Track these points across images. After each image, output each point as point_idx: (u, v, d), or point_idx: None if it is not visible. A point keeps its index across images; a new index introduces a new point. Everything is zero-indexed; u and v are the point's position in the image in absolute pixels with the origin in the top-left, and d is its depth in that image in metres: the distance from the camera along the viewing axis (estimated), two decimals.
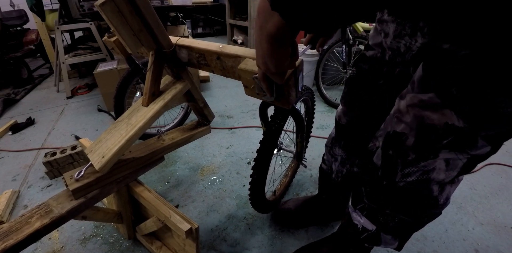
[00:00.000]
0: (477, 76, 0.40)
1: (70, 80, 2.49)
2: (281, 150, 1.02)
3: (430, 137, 0.49)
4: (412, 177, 0.53)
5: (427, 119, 0.48)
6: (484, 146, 0.46)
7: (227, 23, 3.86)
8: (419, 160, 0.51)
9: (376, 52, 0.66)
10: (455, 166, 0.50)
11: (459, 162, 0.49)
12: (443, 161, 0.49)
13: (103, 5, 0.50)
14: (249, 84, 0.54)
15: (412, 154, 0.52)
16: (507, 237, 0.97)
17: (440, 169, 0.50)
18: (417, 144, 0.51)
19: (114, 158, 0.64)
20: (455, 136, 0.46)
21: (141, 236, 0.92)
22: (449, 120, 0.45)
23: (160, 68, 0.67)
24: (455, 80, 0.43)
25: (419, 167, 0.52)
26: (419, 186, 0.54)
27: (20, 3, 3.42)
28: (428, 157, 0.50)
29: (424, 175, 0.52)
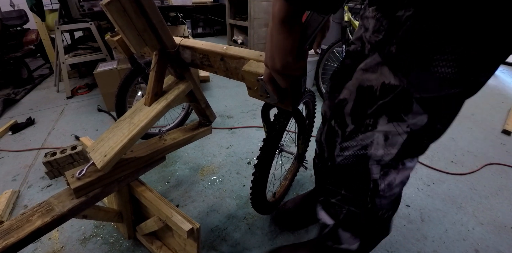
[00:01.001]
0: (416, 33, 0.39)
1: (70, 80, 2.48)
2: (282, 151, 1.02)
3: (367, 99, 0.47)
4: (350, 151, 0.51)
5: (366, 80, 0.47)
6: (420, 114, 0.44)
7: (227, 23, 3.86)
8: (357, 131, 0.49)
9: (357, 46, 0.66)
10: (394, 142, 0.47)
11: (399, 138, 0.47)
12: (381, 135, 0.47)
13: (108, 4, 0.50)
14: (252, 86, 0.55)
15: (350, 124, 0.50)
16: (507, 237, 0.98)
17: (379, 144, 0.48)
18: (355, 109, 0.49)
19: (116, 157, 0.64)
20: (391, 97, 0.44)
21: (141, 235, 0.92)
22: (385, 79, 0.44)
23: (164, 68, 0.68)
24: (397, 39, 0.42)
25: (357, 141, 0.50)
26: (356, 162, 0.51)
27: (20, 3, 3.41)
28: (366, 128, 0.48)
29: (362, 150, 0.50)
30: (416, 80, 0.42)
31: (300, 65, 0.41)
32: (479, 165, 1.36)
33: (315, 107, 1.08)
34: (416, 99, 0.43)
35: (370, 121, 0.47)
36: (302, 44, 0.39)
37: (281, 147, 1.00)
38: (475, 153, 1.47)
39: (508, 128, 1.69)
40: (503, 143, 1.57)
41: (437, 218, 1.06)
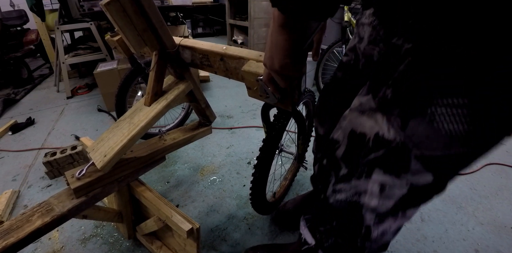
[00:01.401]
0: (414, 74, 0.34)
1: (70, 80, 2.49)
2: (282, 152, 1.02)
3: (359, 148, 0.42)
4: (342, 196, 0.47)
5: (359, 126, 0.42)
6: (422, 172, 0.38)
7: (227, 23, 3.86)
8: (351, 176, 0.45)
9: (350, 58, 0.61)
10: (391, 195, 0.42)
11: (397, 191, 0.41)
12: (377, 185, 0.42)
13: (108, 4, 0.50)
14: (252, 86, 0.55)
15: (344, 168, 0.45)
16: (507, 237, 0.98)
17: (373, 194, 0.43)
18: (347, 155, 0.45)
19: (116, 157, 0.64)
20: (385, 151, 0.39)
21: (141, 235, 0.92)
22: (380, 129, 0.39)
23: (163, 68, 0.68)
24: (393, 80, 0.36)
25: (351, 185, 0.45)
26: (349, 208, 0.47)
27: (20, 3, 3.41)
28: (360, 174, 0.43)
29: (355, 197, 0.45)
30: (415, 134, 0.36)
31: (299, 66, 0.40)
32: (479, 165, 1.36)
33: (315, 107, 1.08)
34: (416, 156, 0.37)
35: (365, 170, 0.43)
36: (301, 45, 0.39)
37: (281, 147, 1.00)
38: None
39: None
40: (503, 143, 1.57)
41: (437, 218, 1.06)
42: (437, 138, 0.34)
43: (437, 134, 0.34)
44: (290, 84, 0.46)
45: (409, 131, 0.36)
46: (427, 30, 0.31)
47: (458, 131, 0.33)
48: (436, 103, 0.33)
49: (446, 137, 0.34)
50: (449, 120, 0.33)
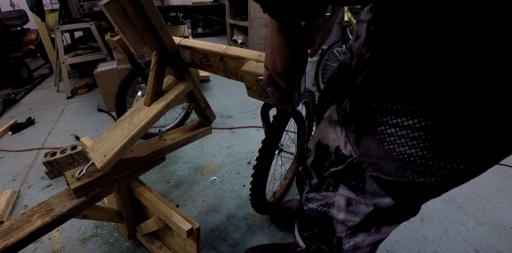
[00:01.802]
0: (368, 88, 0.31)
1: (70, 80, 2.49)
2: (282, 151, 1.02)
3: (324, 159, 0.41)
4: (314, 205, 0.46)
5: (325, 137, 0.41)
6: (380, 195, 0.35)
7: (227, 23, 3.86)
8: (321, 186, 0.44)
9: (346, 57, 0.61)
10: (358, 211, 0.40)
11: (363, 208, 0.39)
12: (344, 199, 0.41)
13: (107, 5, 0.50)
14: (252, 86, 0.54)
15: (315, 178, 0.44)
16: (507, 237, 0.98)
17: (340, 207, 0.42)
18: (315, 165, 0.44)
19: (116, 157, 0.64)
20: (344, 166, 0.38)
21: (141, 235, 0.92)
22: (340, 143, 0.38)
23: (163, 68, 0.68)
24: (352, 92, 0.34)
25: (321, 195, 0.44)
26: (321, 218, 0.46)
27: (20, 3, 3.42)
28: (328, 186, 0.42)
29: (325, 208, 0.44)
30: (368, 153, 0.33)
31: (300, 67, 0.40)
32: None
33: (315, 107, 1.08)
34: (372, 176, 0.35)
35: (332, 182, 0.41)
36: (301, 46, 0.39)
37: (281, 147, 1.00)
38: None
39: None
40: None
41: (437, 218, 1.06)
42: (388, 161, 0.31)
43: (388, 156, 0.31)
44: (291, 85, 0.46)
45: (362, 149, 0.34)
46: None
47: (410, 155, 0.29)
48: (386, 122, 0.30)
49: (398, 161, 0.30)
50: (400, 142, 0.29)
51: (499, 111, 0.25)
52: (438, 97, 0.26)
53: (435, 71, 0.25)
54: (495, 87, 0.25)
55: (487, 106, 0.25)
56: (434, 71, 0.25)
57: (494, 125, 0.26)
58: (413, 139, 0.28)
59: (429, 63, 0.25)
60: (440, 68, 0.25)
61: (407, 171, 0.31)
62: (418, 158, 0.29)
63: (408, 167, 0.30)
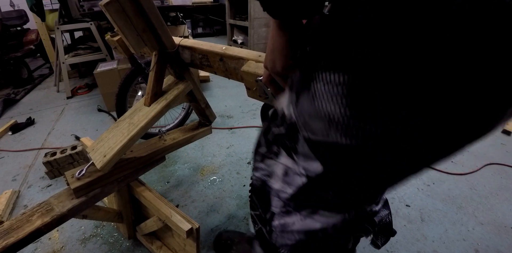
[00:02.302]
0: (310, 42, 0.32)
1: (70, 80, 2.49)
2: None
3: (270, 123, 0.41)
4: (259, 173, 0.46)
5: (279, 101, 0.41)
6: (311, 158, 0.35)
7: (227, 23, 3.86)
8: (267, 155, 0.43)
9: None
10: (291, 181, 0.39)
11: (298, 179, 0.38)
12: (282, 168, 0.40)
13: (107, 5, 0.50)
14: (251, 86, 0.54)
15: (263, 145, 0.44)
16: (507, 237, 0.98)
17: (278, 176, 0.41)
18: (264, 131, 0.44)
19: (115, 157, 0.64)
20: (284, 128, 0.38)
21: (141, 235, 0.92)
22: (284, 103, 0.38)
23: (163, 69, 0.68)
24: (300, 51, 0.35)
25: (265, 165, 0.44)
26: (261, 188, 0.46)
27: (20, 3, 3.42)
28: (271, 155, 0.42)
29: (266, 177, 0.44)
30: (302, 112, 0.32)
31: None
32: (479, 165, 1.36)
33: None
34: (304, 138, 0.34)
35: (275, 149, 0.41)
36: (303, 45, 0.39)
37: None
38: (475, 153, 1.47)
39: (508, 128, 1.68)
40: (503, 143, 1.57)
41: (437, 218, 1.06)
42: (317, 119, 0.31)
43: (316, 114, 0.30)
44: None
45: (299, 108, 0.33)
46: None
47: (335, 113, 0.28)
48: (316, 77, 0.29)
49: (325, 119, 0.30)
50: (326, 99, 0.28)
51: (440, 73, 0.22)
52: (361, 48, 0.24)
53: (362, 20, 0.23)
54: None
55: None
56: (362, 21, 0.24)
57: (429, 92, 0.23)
58: (335, 95, 0.27)
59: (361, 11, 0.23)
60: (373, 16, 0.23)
61: (331, 130, 0.30)
62: (340, 116, 0.28)
63: (332, 125, 0.29)
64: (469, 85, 0.22)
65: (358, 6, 0.22)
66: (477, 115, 0.25)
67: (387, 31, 0.22)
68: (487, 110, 0.24)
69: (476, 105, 0.24)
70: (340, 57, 0.26)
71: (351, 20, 0.25)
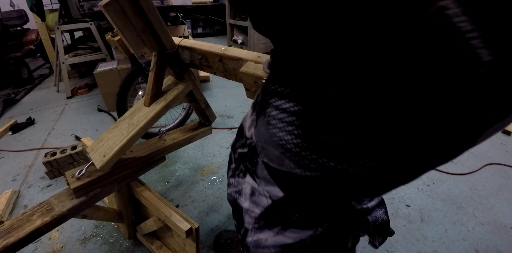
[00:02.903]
0: (270, 65, 0.32)
1: (70, 80, 2.49)
2: None
3: (237, 141, 0.40)
4: (230, 189, 0.45)
5: (244, 119, 0.40)
6: (271, 183, 0.34)
7: (227, 23, 3.86)
8: (235, 172, 0.42)
9: None
10: (259, 202, 0.38)
11: (263, 200, 0.37)
12: (249, 187, 0.39)
13: (106, 5, 0.50)
14: (250, 87, 0.54)
15: (234, 161, 0.43)
16: (507, 237, 0.98)
17: (246, 195, 0.40)
18: (233, 147, 0.43)
19: (115, 157, 0.64)
20: (247, 148, 0.36)
21: (141, 235, 0.92)
22: (248, 122, 0.37)
23: (163, 69, 0.68)
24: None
25: (236, 181, 0.42)
26: (234, 205, 0.45)
27: (20, 3, 3.42)
28: (239, 173, 0.41)
29: (236, 194, 0.43)
30: (259, 135, 0.32)
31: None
32: (479, 165, 1.36)
33: None
34: (263, 162, 0.33)
35: (242, 167, 0.40)
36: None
37: None
38: (475, 153, 1.46)
39: (508, 128, 1.68)
40: (503, 143, 1.57)
41: (437, 218, 1.06)
42: (271, 146, 0.29)
43: (272, 141, 0.29)
44: None
45: (257, 131, 0.32)
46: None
47: (287, 142, 0.27)
48: (272, 103, 0.28)
49: (279, 147, 0.28)
50: (280, 127, 0.27)
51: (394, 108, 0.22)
52: (315, 80, 0.24)
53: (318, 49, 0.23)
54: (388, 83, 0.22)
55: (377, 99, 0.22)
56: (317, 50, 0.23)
57: (379, 126, 0.23)
58: (289, 124, 0.27)
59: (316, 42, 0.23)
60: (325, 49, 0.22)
61: (286, 159, 0.29)
62: (294, 146, 0.27)
63: (286, 155, 0.28)
64: (474, 84, 0.22)
65: (358, 6, 0.22)
66: (479, 116, 0.24)
67: (388, 31, 0.22)
68: (489, 111, 0.23)
69: (478, 106, 0.23)
70: (294, 85, 0.25)
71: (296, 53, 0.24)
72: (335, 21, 0.23)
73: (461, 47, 0.19)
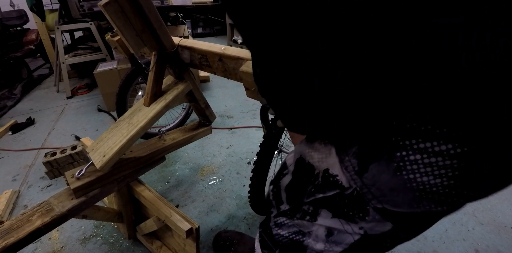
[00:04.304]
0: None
1: (70, 80, 2.48)
2: (281, 152, 1.02)
3: (305, 181, 0.35)
4: (285, 231, 0.41)
5: (308, 154, 0.34)
6: (380, 221, 0.31)
7: (227, 23, 3.86)
8: (293, 214, 0.38)
9: None
10: (340, 240, 0.35)
11: (348, 237, 0.35)
12: (323, 229, 0.36)
13: (106, 5, 0.50)
14: (250, 86, 0.54)
15: (285, 203, 0.39)
16: (507, 237, 0.98)
17: (319, 237, 0.37)
18: (291, 187, 0.38)
19: (115, 157, 0.64)
20: (336, 194, 0.32)
21: (141, 235, 0.92)
22: (331, 167, 0.31)
23: (162, 69, 0.68)
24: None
25: (294, 223, 0.39)
26: (292, 246, 0.41)
27: (20, 3, 3.41)
28: (304, 215, 0.37)
29: (298, 236, 0.39)
30: (376, 184, 0.28)
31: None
32: None
33: None
34: (375, 209, 0.30)
35: (309, 209, 0.36)
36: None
37: (281, 147, 1.00)
38: None
39: None
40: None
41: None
42: (404, 192, 0.27)
43: (404, 187, 0.26)
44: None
45: (368, 179, 0.28)
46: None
47: (433, 185, 0.25)
48: (409, 145, 0.25)
49: (416, 191, 0.26)
50: (424, 171, 0.25)
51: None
52: (485, 119, 0.21)
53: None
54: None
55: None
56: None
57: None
58: (442, 168, 0.24)
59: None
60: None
61: (423, 201, 0.27)
62: (442, 188, 0.25)
63: (427, 197, 0.26)
64: (474, 84, 0.20)
65: (358, 6, 0.21)
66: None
67: (387, 31, 0.21)
68: (490, 112, 0.21)
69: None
70: (457, 126, 0.22)
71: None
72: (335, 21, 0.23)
73: (461, 47, 0.19)
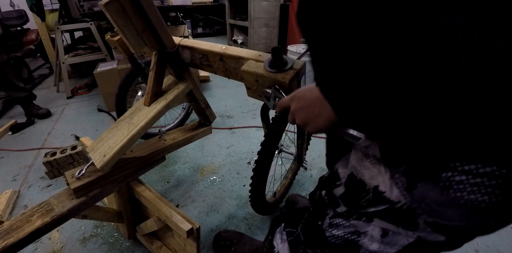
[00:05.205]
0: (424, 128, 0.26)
1: (70, 80, 2.48)
2: (281, 152, 1.02)
3: (357, 195, 0.38)
4: (340, 231, 0.43)
5: (360, 172, 0.37)
6: (432, 233, 0.33)
7: (227, 23, 3.86)
8: (350, 215, 0.40)
9: None
10: (394, 242, 0.37)
11: (402, 239, 0.36)
12: (378, 229, 0.38)
13: (107, 4, 0.50)
14: (251, 86, 0.54)
15: (342, 206, 0.42)
16: (507, 237, 0.98)
17: (374, 238, 0.38)
18: (345, 197, 0.41)
19: (115, 157, 0.64)
20: (387, 208, 0.34)
21: (141, 235, 0.92)
22: (381, 184, 0.34)
23: (163, 68, 0.68)
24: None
25: (350, 223, 0.41)
26: (346, 246, 0.42)
27: (20, 3, 3.42)
28: (360, 217, 0.39)
29: (353, 236, 0.41)
30: (425, 200, 0.30)
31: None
32: None
33: None
34: (426, 222, 0.32)
35: (364, 214, 0.39)
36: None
37: (281, 147, 0.99)
38: None
39: None
40: None
41: None
42: (453, 208, 0.29)
43: (452, 203, 0.28)
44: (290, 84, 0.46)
45: (417, 196, 0.30)
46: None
47: (482, 202, 0.27)
48: (455, 167, 0.27)
49: (465, 207, 0.28)
50: (470, 190, 0.27)
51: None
52: (361, 48, 0.23)
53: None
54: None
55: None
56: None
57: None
58: (488, 187, 0.26)
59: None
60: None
61: (473, 216, 0.29)
62: (491, 204, 0.27)
63: (476, 212, 0.28)
64: (474, 84, 0.20)
65: (358, 6, 0.22)
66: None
67: (387, 31, 0.21)
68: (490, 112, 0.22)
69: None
70: (490, 149, 0.24)
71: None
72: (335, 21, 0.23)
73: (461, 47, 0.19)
